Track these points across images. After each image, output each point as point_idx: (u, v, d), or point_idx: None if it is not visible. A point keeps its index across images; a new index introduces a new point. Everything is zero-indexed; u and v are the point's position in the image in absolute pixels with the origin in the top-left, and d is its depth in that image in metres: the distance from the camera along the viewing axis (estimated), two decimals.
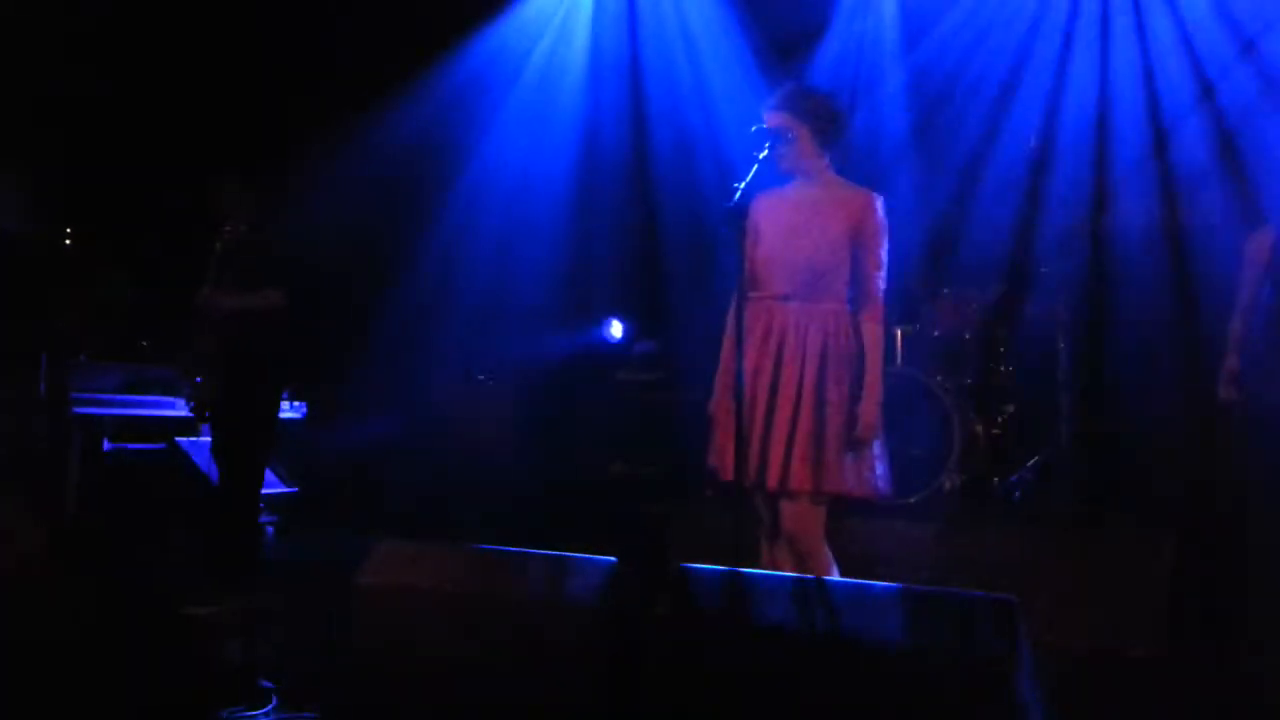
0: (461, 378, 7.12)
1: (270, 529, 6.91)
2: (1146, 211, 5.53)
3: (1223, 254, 4.68)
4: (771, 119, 3.26)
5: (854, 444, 3.15)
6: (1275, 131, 4.93)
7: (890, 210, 3.31)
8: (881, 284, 3.26)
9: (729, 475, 3.13)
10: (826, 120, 3.29)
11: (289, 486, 6.95)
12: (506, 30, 6.96)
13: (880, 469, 3.24)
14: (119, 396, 5.83)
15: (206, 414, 4.68)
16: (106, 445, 5.78)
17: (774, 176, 3.29)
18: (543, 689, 2.44)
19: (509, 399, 6.94)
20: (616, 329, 7.36)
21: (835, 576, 3.15)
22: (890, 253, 3.34)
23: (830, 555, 3.24)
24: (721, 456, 3.18)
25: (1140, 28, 5.72)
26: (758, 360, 3.20)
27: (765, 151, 3.14)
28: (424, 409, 7.03)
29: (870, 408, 3.17)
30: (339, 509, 6.83)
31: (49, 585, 4.30)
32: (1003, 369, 5.51)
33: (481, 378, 7.13)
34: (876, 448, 3.22)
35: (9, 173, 5.94)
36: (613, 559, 2.56)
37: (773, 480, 3.13)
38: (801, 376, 3.16)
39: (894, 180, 5.77)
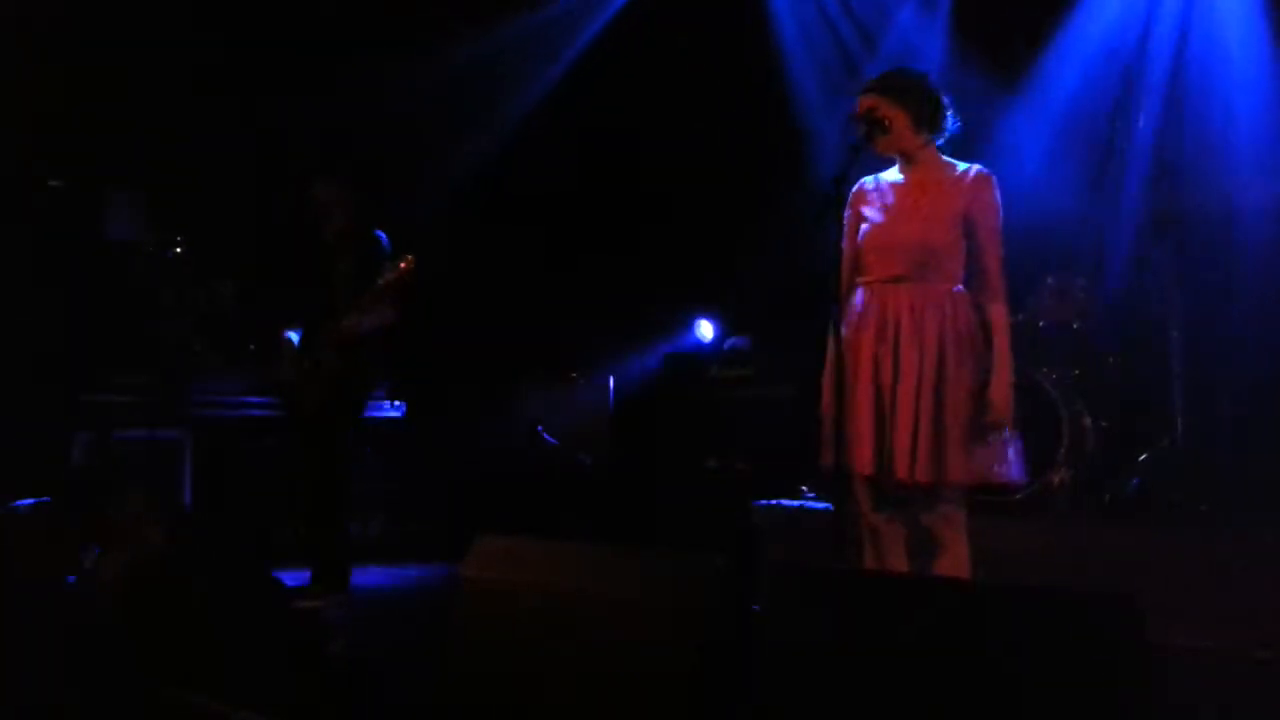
0: (555, 376, 7.18)
1: (372, 523, 7.07)
2: (1267, 193, 5.28)
3: None
4: (864, 102, 3.19)
5: (985, 429, 3.05)
6: None
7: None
8: (1000, 263, 3.15)
9: (865, 466, 3.05)
10: (923, 101, 3.20)
11: (390, 481, 7.09)
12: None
13: (1012, 454, 3.13)
14: (234, 398, 6.02)
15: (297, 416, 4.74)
16: (221, 446, 5.98)
17: (875, 162, 3.23)
18: (636, 688, 2.43)
19: (604, 397, 6.97)
20: (706, 329, 7.34)
21: (966, 574, 3.07)
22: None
23: (967, 551, 3.13)
24: (848, 449, 3.04)
25: None
26: (875, 348, 3.10)
27: (859, 139, 3.08)
28: (521, 407, 7.10)
29: (1002, 390, 3.06)
30: (438, 505, 6.94)
31: (171, 582, 4.45)
32: (1112, 360, 5.31)
33: (574, 375, 7.18)
34: (1006, 433, 3.12)
35: (123, 186, 6.17)
36: (711, 557, 2.54)
37: (902, 472, 3.04)
38: (921, 362, 3.05)
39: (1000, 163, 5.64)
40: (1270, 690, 3.53)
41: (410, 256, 4.43)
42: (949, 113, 3.23)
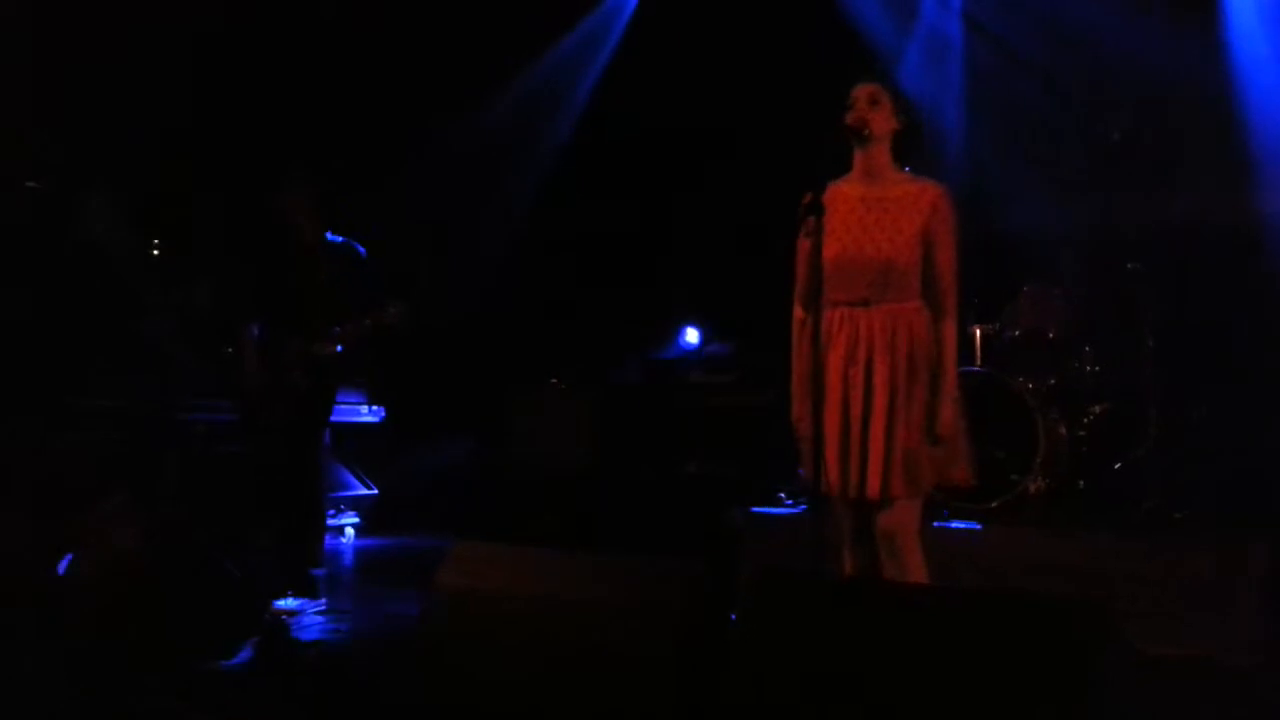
0: (536, 381, 7.18)
1: (350, 529, 7.06)
2: (1230, 205, 5.35)
3: None
4: (868, 91, 3.19)
5: (936, 441, 3.11)
6: None
7: (969, 203, 3.24)
8: (955, 280, 3.19)
9: (831, 489, 3.10)
10: (911, 117, 3.24)
11: (369, 488, 7.08)
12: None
13: (968, 458, 3.19)
14: (212, 402, 5.99)
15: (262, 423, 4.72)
16: (200, 447, 5.95)
17: (836, 167, 3.24)
18: (616, 694, 2.44)
19: (585, 403, 6.97)
20: (692, 335, 7.37)
21: (924, 578, 3.11)
22: (968, 248, 3.28)
23: (922, 555, 3.19)
24: (820, 468, 3.10)
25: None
26: (847, 369, 3.14)
27: (840, 132, 3.10)
28: (501, 412, 7.10)
29: (949, 406, 3.12)
30: (417, 511, 6.93)
31: (144, 581, 4.44)
32: (1088, 369, 5.35)
33: (556, 381, 7.18)
34: (962, 440, 3.17)
35: (100, 185, 6.13)
36: (690, 564, 2.55)
37: (874, 490, 3.08)
38: (893, 383, 3.10)
39: (974, 173, 5.67)
40: (1239, 697, 3.56)
41: (401, 307, 4.51)
42: (920, 134, 3.27)
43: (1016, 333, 5.37)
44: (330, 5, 6.70)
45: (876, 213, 3.18)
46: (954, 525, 4.69)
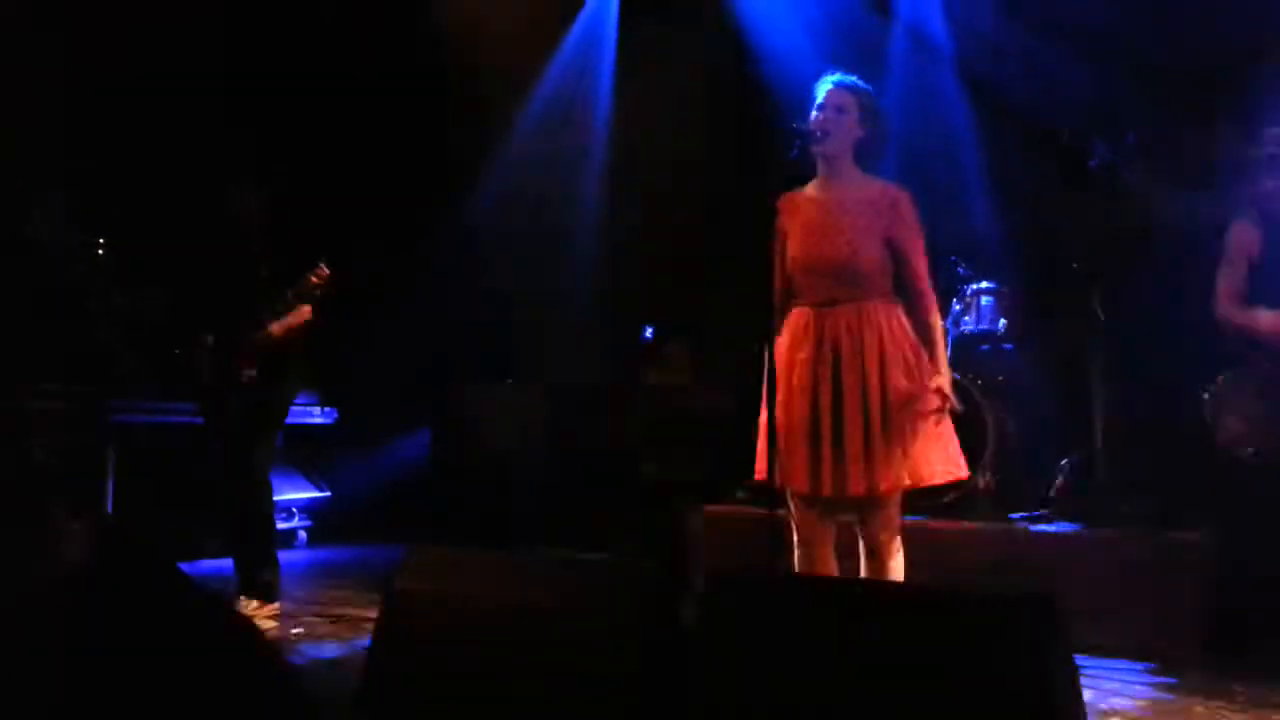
0: (493, 381, 7.14)
1: (303, 534, 6.98)
2: (1175, 207, 5.46)
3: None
4: (837, 96, 3.22)
5: (939, 420, 3.16)
6: None
7: (919, 200, 3.28)
8: (927, 275, 3.24)
9: (805, 489, 3.13)
10: (876, 119, 3.27)
11: (321, 491, 7.01)
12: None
13: (955, 448, 3.24)
14: (157, 404, 5.90)
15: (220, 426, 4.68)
16: (145, 451, 5.85)
17: (799, 176, 3.27)
18: (573, 698, 2.44)
19: (539, 402, 6.95)
20: (647, 332, 7.37)
21: (901, 577, 3.15)
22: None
23: (902, 555, 3.24)
24: (785, 466, 3.12)
25: None
26: (816, 371, 3.17)
27: (796, 150, 3.12)
28: (455, 413, 7.05)
29: (948, 382, 3.18)
30: (371, 514, 6.87)
31: (98, 587, 4.34)
32: (1036, 366, 5.45)
33: (510, 381, 7.15)
34: (949, 430, 3.21)
35: (44, 184, 6.01)
36: (645, 565, 2.56)
37: (858, 488, 3.10)
38: (864, 380, 3.13)
39: (921, 173, 5.73)
40: (1181, 690, 3.65)
41: (324, 265, 4.46)
42: (883, 144, 3.30)
43: (965, 330, 5.45)
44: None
45: (838, 215, 3.22)
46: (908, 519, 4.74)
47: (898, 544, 3.23)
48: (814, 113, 3.23)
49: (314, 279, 4.45)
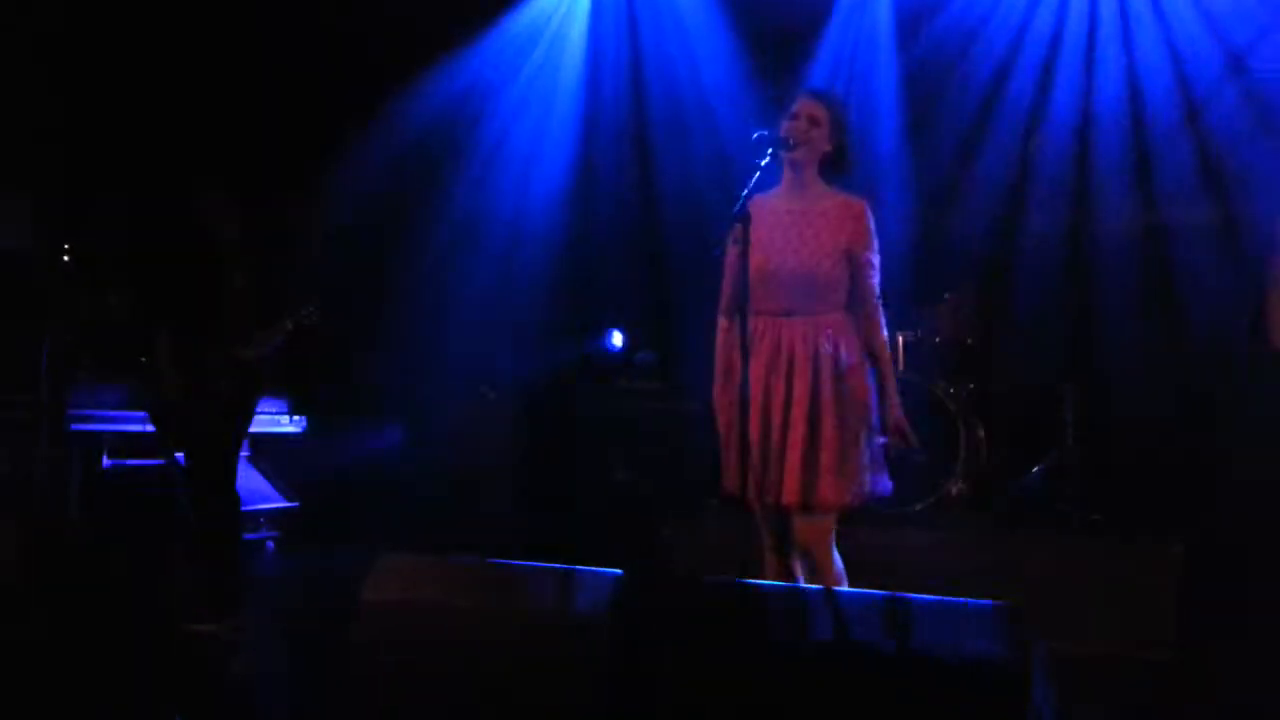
0: (463, 389, 7.10)
1: (271, 544, 6.90)
2: (1141, 215, 5.52)
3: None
4: (809, 107, 3.23)
5: (886, 447, 3.18)
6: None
7: (889, 212, 3.30)
8: (876, 292, 3.26)
9: (749, 494, 3.12)
10: (845, 131, 3.28)
11: (290, 501, 6.93)
12: (504, 37, 6.95)
13: (883, 469, 3.25)
14: (119, 413, 5.81)
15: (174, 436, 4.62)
16: (106, 461, 5.76)
17: (762, 182, 3.27)
18: (548, 704, 2.42)
19: (510, 410, 6.91)
20: (617, 339, 7.34)
21: (845, 586, 3.14)
22: (889, 256, 3.34)
23: (841, 565, 3.23)
24: (738, 475, 3.14)
25: (1126, 33, 5.72)
26: (768, 378, 3.18)
27: (768, 158, 3.12)
28: (425, 420, 7.00)
29: (896, 413, 3.19)
30: (341, 523, 6.79)
31: (25, 596, 4.29)
32: (1007, 374, 5.48)
33: (484, 390, 7.10)
34: (879, 451, 3.21)
35: (8, 190, 5.92)
36: (617, 571, 2.54)
37: (791, 496, 3.10)
38: (815, 391, 3.14)
39: (892, 182, 5.75)
40: (1153, 692, 3.66)
41: (316, 308, 4.51)
42: (850, 158, 3.31)
43: (937, 339, 5.48)
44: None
45: (800, 225, 3.22)
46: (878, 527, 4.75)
47: (833, 558, 3.22)
48: (786, 121, 3.23)
49: (307, 319, 4.51)
